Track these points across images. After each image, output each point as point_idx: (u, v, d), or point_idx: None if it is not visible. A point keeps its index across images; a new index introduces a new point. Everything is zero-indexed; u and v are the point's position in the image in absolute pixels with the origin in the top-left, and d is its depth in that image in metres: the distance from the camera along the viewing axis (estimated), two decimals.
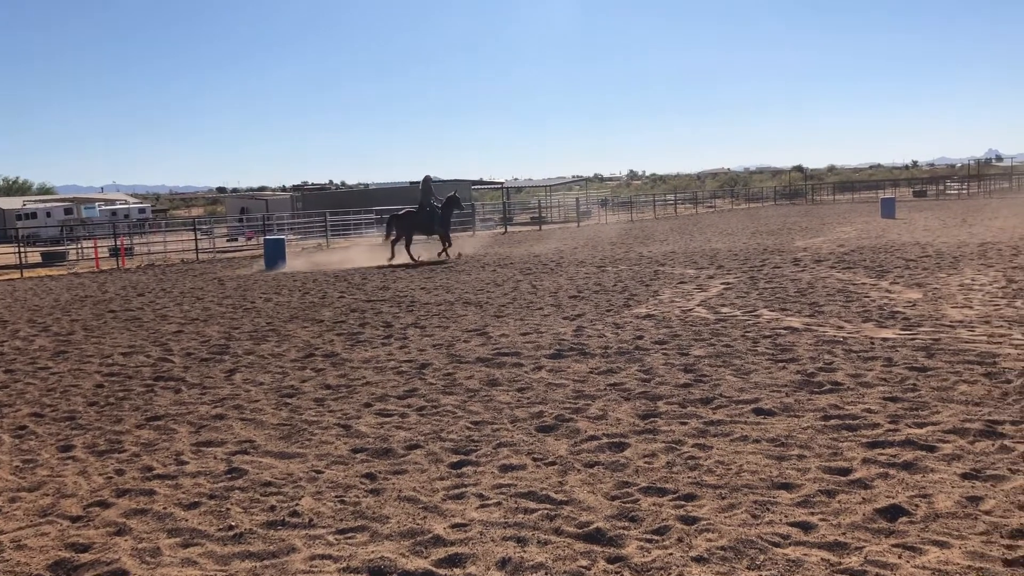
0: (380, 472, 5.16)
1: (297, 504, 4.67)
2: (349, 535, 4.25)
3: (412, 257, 21.28)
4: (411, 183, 54.30)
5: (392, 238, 21.72)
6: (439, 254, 22.09)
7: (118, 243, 28.32)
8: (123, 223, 42.99)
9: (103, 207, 52.13)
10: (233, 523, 4.44)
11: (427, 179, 22.96)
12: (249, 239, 36.51)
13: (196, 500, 4.82)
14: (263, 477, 5.17)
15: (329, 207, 39.01)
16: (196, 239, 29.52)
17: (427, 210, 21.84)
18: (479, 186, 57.76)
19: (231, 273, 21.18)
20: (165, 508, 4.71)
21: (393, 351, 9.07)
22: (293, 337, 10.35)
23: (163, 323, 12.17)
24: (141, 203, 64.69)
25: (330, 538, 4.21)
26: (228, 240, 39.28)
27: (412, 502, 4.64)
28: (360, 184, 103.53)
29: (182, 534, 4.35)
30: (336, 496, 4.78)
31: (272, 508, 4.64)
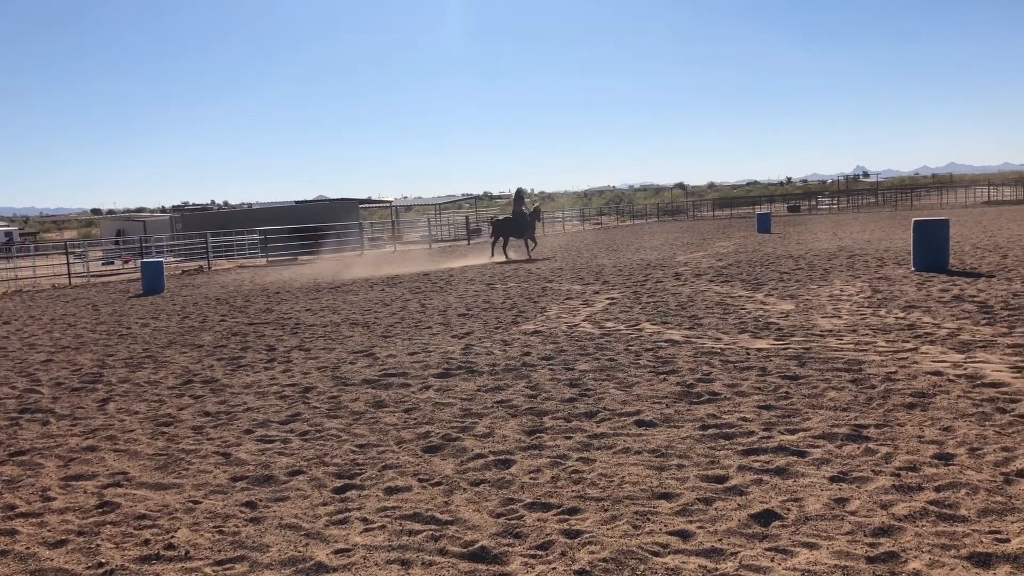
0: (261, 500, 5.03)
1: (173, 536, 4.50)
2: (228, 566, 4.12)
3: (506, 255, 25.53)
4: (296, 202, 53.37)
5: (494, 240, 26.29)
6: (529, 254, 25.96)
7: None
8: None
9: None
10: (103, 560, 4.24)
11: (520, 191, 27.69)
12: (126, 262, 35.12)
13: (63, 538, 4.58)
14: (137, 510, 4.97)
15: (211, 228, 37.89)
16: (68, 263, 28.17)
17: (520, 217, 26.00)
18: (367, 204, 57.26)
19: (107, 298, 20.31)
20: (28, 548, 4.46)
21: (276, 375, 8.87)
22: (171, 363, 10.00)
23: (31, 352, 11.56)
24: (7, 226, 61.47)
25: (207, 570, 4.08)
26: (104, 263, 37.67)
27: (294, 529, 4.54)
28: (244, 204, 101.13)
29: (46, 574, 4.13)
30: (214, 527, 4.63)
31: (146, 542, 4.46)
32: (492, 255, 25.93)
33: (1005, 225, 29.30)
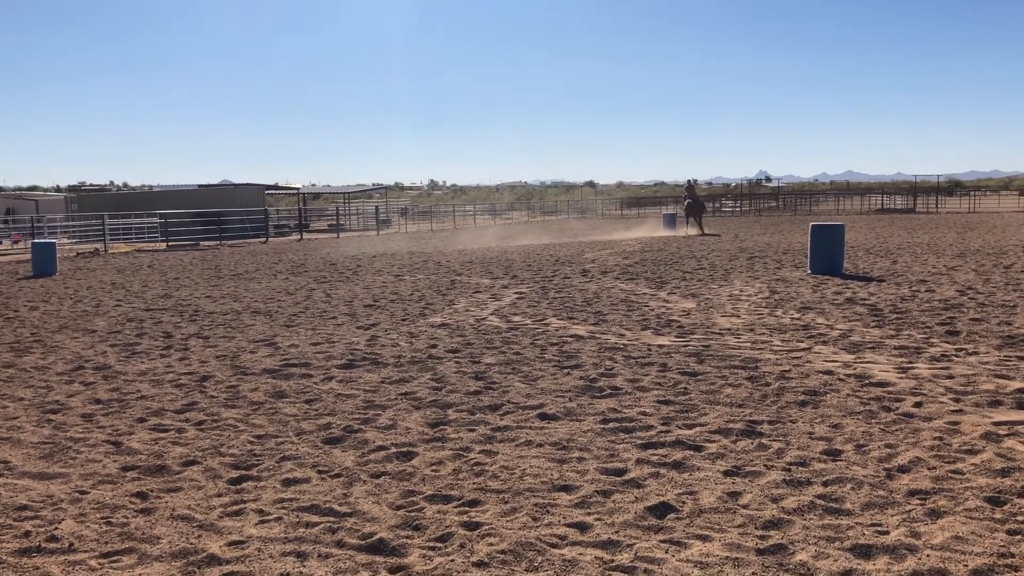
0: (152, 490, 4.87)
1: (56, 528, 4.32)
2: (114, 559, 3.98)
3: (688, 229, 33.07)
4: (200, 186, 51.90)
5: (688, 219, 33.32)
6: (700, 232, 32.27)
7: None
8: None
9: None
10: None
11: (690, 181, 35.10)
12: (16, 242, 33.55)
13: None
14: (18, 500, 4.75)
15: (108, 209, 36.51)
16: None
17: (697, 202, 33.35)
18: (274, 191, 56.11)
19: None
20: None
21: (172, 363, 8.61)
22: (61, 348, 9.59)
23: None
24: None
25: (92, 563, 3.93)
26: None
27: (186, 520, 4.41)
28: (144, 186, 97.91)
29: None
30: (102, 517, 4.47)
31: (27, 534, 4.27)
32: (687, 231, 33.07)
33: (896, 232, 30.63)
